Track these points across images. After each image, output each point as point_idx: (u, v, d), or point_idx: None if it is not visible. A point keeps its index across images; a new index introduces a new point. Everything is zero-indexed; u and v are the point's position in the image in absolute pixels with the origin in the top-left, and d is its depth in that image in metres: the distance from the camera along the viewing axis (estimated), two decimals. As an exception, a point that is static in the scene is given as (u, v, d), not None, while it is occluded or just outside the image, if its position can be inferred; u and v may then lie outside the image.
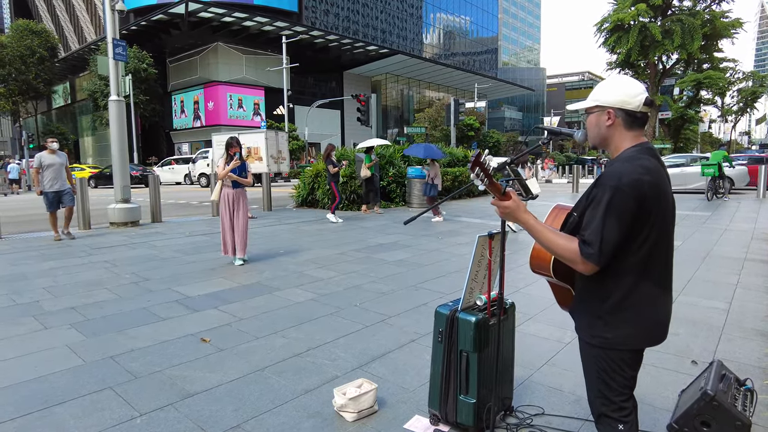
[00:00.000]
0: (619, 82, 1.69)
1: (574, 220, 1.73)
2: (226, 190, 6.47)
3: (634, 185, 1.55)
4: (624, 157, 1.64)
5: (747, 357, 3.52)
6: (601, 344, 1.70)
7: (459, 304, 2.51)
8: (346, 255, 7.03)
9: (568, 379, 3.16)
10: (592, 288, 1.71)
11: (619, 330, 1.67)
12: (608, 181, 1.58)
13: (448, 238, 8.47)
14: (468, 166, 1.62)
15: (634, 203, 1.55)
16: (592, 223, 1.58)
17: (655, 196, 1.58)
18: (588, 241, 1.57)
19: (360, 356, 3.47)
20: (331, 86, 50.01)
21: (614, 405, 1.73)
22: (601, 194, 1.58)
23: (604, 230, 1.55)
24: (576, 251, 1.59)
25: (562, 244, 1.63)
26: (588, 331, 1.74)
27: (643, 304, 1.66)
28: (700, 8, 32.63)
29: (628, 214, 1.55)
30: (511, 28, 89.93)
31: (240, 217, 6.49)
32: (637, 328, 1.67)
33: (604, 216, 1.55)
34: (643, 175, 1.57)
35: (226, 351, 3.56)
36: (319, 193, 13.20)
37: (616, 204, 1.55)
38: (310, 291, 5.16)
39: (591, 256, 1.56)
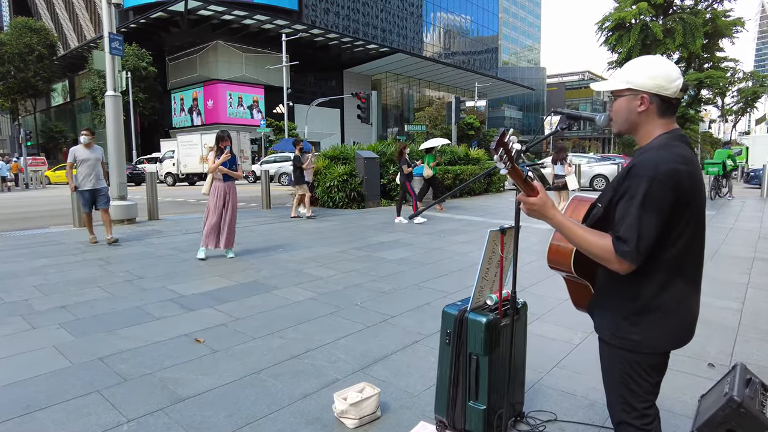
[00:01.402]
0: (655, 63, 1.51)
1: (597, 212, 1.57)
2: (216, 183, 6.48)
3: (671, 175, 1.39)
4: (657, 145, 1.48)
5: (762, 358, 3.37)
6: (627, 347, 1.55)
7: (468, 303, 2.35)
8: (347, 253, 6.87)
9: (581, 383, 3.00)
10: (619, 286, 1.55)
11: (648, 332, 1.52)
12: (644, 171, 1.41)
13: (449, 236, 8.31)
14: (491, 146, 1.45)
15: (672, 194, 1.40)
16: (627, 217, 1.42)
17: (692, 187, 1.44)
18: (624, 237, 1.41)
19: (361, 358, 3.31)
20: (331, 85, 49.85)
21: (636, 412, 1.58)
22: (636, 185, 1.41)
23: (641, 225, 1.39)
24: (610, 249, 1.43)
25: (595, 242, 1.46)
26: (613, 333, 1.58)
27: (673, 303, 1.51)
28: (701, 7, 32.48)
29: (667, 207, 1.40)
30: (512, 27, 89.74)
31: (230, 211, 6.48)
32: (667, 330, 1.52)
33: (640, 209, 1.39)
34: (680, 164, 1.42)
35: (221, 352, 3.40)
36: (319, 191, 13.03)
37: (654, 196, 1.39)
38: (309, 290, 5.00)
39: (627, 254, 1.40)
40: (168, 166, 27.29)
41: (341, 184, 12.60)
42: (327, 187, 12.79)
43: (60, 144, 49.37)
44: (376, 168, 13.12)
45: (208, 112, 41.43)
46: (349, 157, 13.39)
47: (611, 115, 1.62)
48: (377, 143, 15.26)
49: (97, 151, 7.70)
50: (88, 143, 7.63)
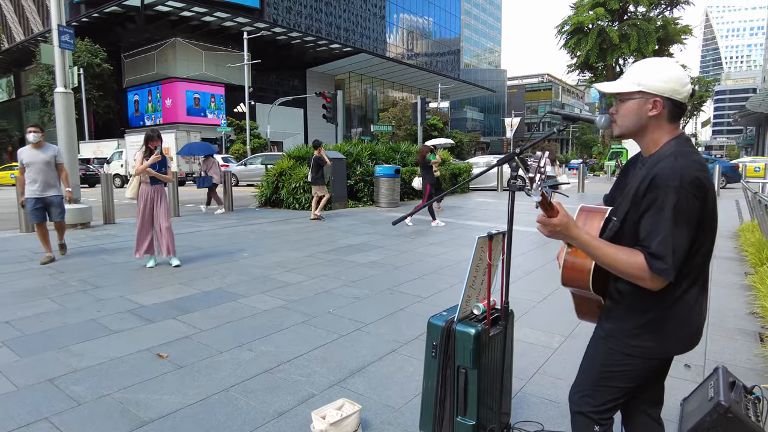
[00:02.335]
0: (668, 66, 1.44)
1: (614, 226, 1.51)
2: (144, 187, 5.99)
3: (696, 184, 1.34)
4: (672, 152, 1.41)
5: (736, 358, 3.40)
6: (639, 353, 1.53)
7: (454, 314, 2.24)
8: (315, 257, 6.68)
9: (563, 390, 2.93)
10: (639, 298, 1.49)
11: (661, 339, 1.50)
12: (669, 182, 1.34)
13: (419, 238, 8.23)
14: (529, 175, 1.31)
15: (700, 204, 1.35)
16: (658, 232, 1.35)
17: (711, 194, 1.40)
18: (658, 254, 1.34)
19: (337, 370, 3.15)
20: (293, 84, 49.21)
21: (601, 406, 1.60)
22: (663, 198, 1.35)
23: (675, 240, 1.33)
24: (644, 267, 1.36)
25: (626, 260, 1.39)
26: (625, 341, 1.54)
27: (688, 309, 1.49)
28: (654, 14, 33.78)
29: (695, 218, 1.36)
30: (473, 29, 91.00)
31: (162, 216, 6.01)
32: (680, 335, 1.51)
33: (673, 223, 1.33)
34: (700, 171, 1.37)
35: (186, 368, 3.17)
36: (284, 193, 12.74)
37: (684, 208, 1.33)
38: (278, 297, 4.79)
39: (665, 271, 1.34)
40: (116, 168, 26.19)
41: (307, 185, 12.34)
42: (292, 189, 12.52)
43: (5, 143, 46.76)
44: (342, 168, 12.94)
45: (166, 111, 40.11)
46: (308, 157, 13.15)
47: (615, 117, 1.54)
48: (343, 143, 15.08)
49: (47, 152, 6.39)
50: (36, 142, 6.33)
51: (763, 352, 3.45)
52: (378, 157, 14.61)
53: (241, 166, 23.49)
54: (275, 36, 40.06)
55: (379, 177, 13.26)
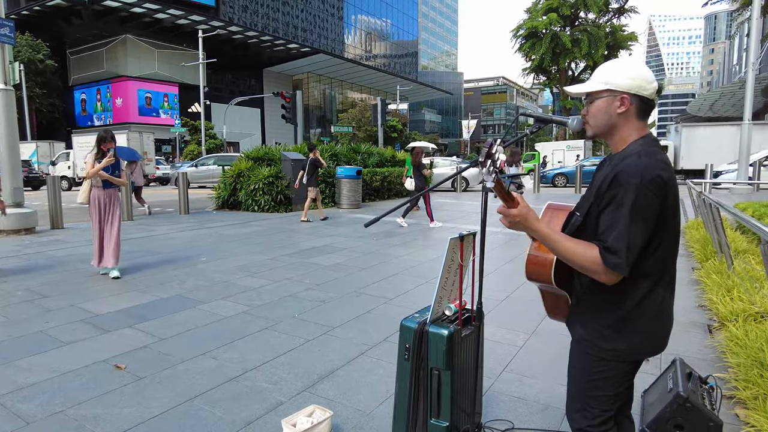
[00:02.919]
0: (633, 65, 1.50)
1: (576, 221, 1.54)
2: (96, 191, 5.65)
3: (657, 182, 1.37)
4: (637, 151, 1.45)
5: (689, 350, 3.56)
6: (610, 357, 1.54)
7: (426, 315, 2.23)
8: (277, 260, 6.56)
9: (531, 387, 2.99)
10: (602, 295, 1.52)
11: (632, 340, 1.51)
12: (630, 179, 1.38)
13: (382, 239, 8.23)
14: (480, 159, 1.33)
15: (658, 202, 1.38)
16: (615, 227, 1.38)
17: (673, 193, 1.43)
18: (613, 249, 1.37)
19: (305, 376, 3.09)
20: (250, 84, 48.35)
21: (597, 419, 1.59)
22: (623, 194, 1.38)
23: (630, 235, 1.36)
24: (598, 261, 1.39)
25: (582, 253, 1.42)
26: (596, 343, 1.56)
27: (655, 310, 1.51)
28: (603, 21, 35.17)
29: (653, 216, 1.38)
30: (430, 32, 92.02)
31: (113, 222, 5.68)
32: (649, 337, 1.53)
33: (628, 219, 1.36)
34: (663, 171, 1.40)
35: (146, 379, 3.03)
36: (242, 194, 12.47)
37: (642, 205, 1.36)
38: (241, 302, 4.67)
39: (618, 266, 1.37)
40: (62, 169, 24.91)
41: (267, 186, 12.14)
42: (251, 190, 12.26)
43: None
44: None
45: (116, 110, 38.56)
46: (275, 158, 12.95)
47: (587, 118, 1.57)
48: (303, 144, 14.90)
49: None
50: None
51: (713, 343, 3.62)
52: (339, 158, 14.54)
53: (192, 167, 22.71)
54: (231, 35, 39.25)
55: (341, 178, 13.19)
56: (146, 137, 24.52)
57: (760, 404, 2.59)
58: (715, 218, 5.58)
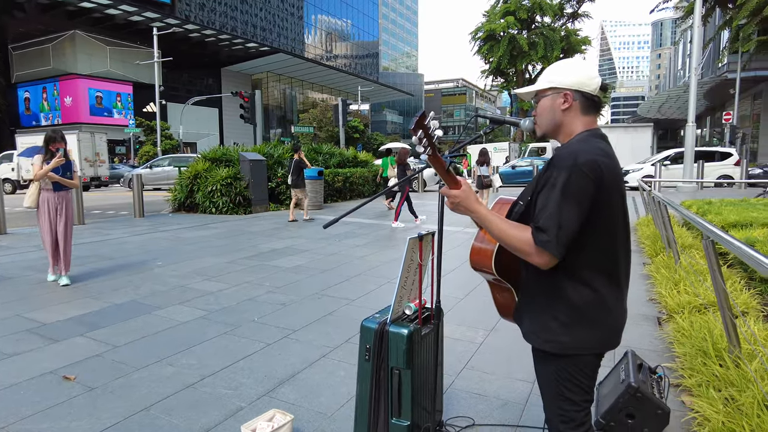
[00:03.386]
0: (575, 63, 1.55)
1: (519, 209, 1.55)
2: (45, 194, 5.38)
3: (591, 166, 1.38)
4: (577, 140, 1.49)
5: (641, 342, 3.70)
6: (556, 350, 1.52)
7: (386, 315, 2.23)
8: (236, 263, 6.43)
9: (490, 383, 3.04)
10: (545, 286, 1.52)
11: (576, 333, 1.49)
12: (563, 162, 1.40)
13: (345, 240, 8.20)
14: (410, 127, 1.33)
15: (593, 186, 1.38)
16: (546, 207, 1.39)
17: (613, 182, 1.43)
18: (543, 227, 1.38)
19: (265, 381, 3.04)
20: (208, 83, 47.23)
21: (574, 422, 1.56)
22: (555, 176, 1.40)
23: (561, 215, 1.36)
24: (530, 241, 1.40)
25: (515, 234, 1.43)
26: (541, 336, 1.54)
27: (600, 304, 1.49)
28: (558, 25, 36.22)
29: (587, 198, 1.38)
30: (391, 33, 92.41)
31: (64, 226, 5.42)
32: (597, 331, 1.50)
33: (560, 199, 1.37)
34: (600, 156, 1.42)
35: (98, 389, 2.91)
36: (199, 196, 12.16)
37: (574, 186, 1.37)
38: (198, 307, 4.55)
39: (547, 244, 1.37)
40: (5, 171, 23.60)
41: (225, 188, 11.90)
42: (208, 192, 11.97)
43: None
44: (263, 170, 12.59)
45: (65, 110, 36.85)
46: (233, 158, 12.70)
47: (536, 117, 1.61)
48: (263, 144, 14.69)
49: None
50: None
51: (662, 335, 3.78)
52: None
53: (146, 169, 21.97)
54: (188, 33, 38.20)
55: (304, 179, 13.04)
56: (98, 138, 23.60)
57: (703, 391, 2.72)
58: (664, 215, 5.84)
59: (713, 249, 2.90)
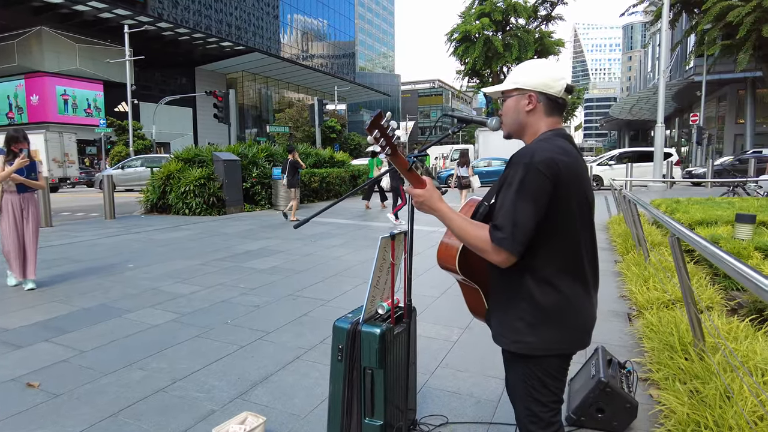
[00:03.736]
0: (540, 64, 1.56)
1: (484, 210, 1.55)
2: (8, 196, 5.22)
3: (548, 164, 1.39)
4: (539, 139, 1.50)
5: (611, 338, 3.77)
6: (524, 351, 1.51)
7: (359, 315, 2.23)
8: (210, 265, 6.33)
9: (464, 381, 3.06)
10: (509, 287, 1.52)
11: (542, 333, 1.48)
12: (520, 159, 1.41)
13: (321, 240, 8.15)
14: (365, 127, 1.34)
15: (550, 184, 1.38)
16: (503, 205, 1.40)
17: (573, 180, 1.43)
18: (499, 225, 1.38)
19: (238, 383, 3.00)
20: (181, 82, 46.46)
21: (542, 422, 1.56)
22: (513, 174, 1.41)
23: (517, 212, 1.37)
24: (487, 239, 1.40)
25: (473, 232, 1.43)
26: (509, 337, 1.53)
27: (566, 304, 1.48)
28: (532, 27, 36.72)
29: (544, 196, 1.38)
30: (367, 34, 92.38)
31: (30, 229, 5.28)
32: (562, 331, 1.49)
33: (515, 197, 1.38)
34: (559, 154, 1.42)
35: (64, 396, 2.83)
36: (172, 197, 11.95)
37: (530, 183, 1.37)
38: (170, 310, 4.46)
39: (503, 241, 1.37)
40: None
41: (198, 188, 11.72)
42: (181, 193, 11.77)
43: None
44: (237, 171, 12.45)
45: (32, 109, 35.74)
46: (206, 159, 12.51)
47: (502, 117, 1.63)
48: (237, 144, 14.51)
49: None
50: None
51: (632, 330, 3.87)
52: (275, 159, 14.27)
53: (118, 169, 21.47)
54: (161, 31, 37.49)
55: (278, 179, 12.94)
56: (67, 138, 23.00)
57: (670, 384, 2.79)
58: (634, 214, 5.97)
59: (679, 246, 2.97)
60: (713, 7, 24.78)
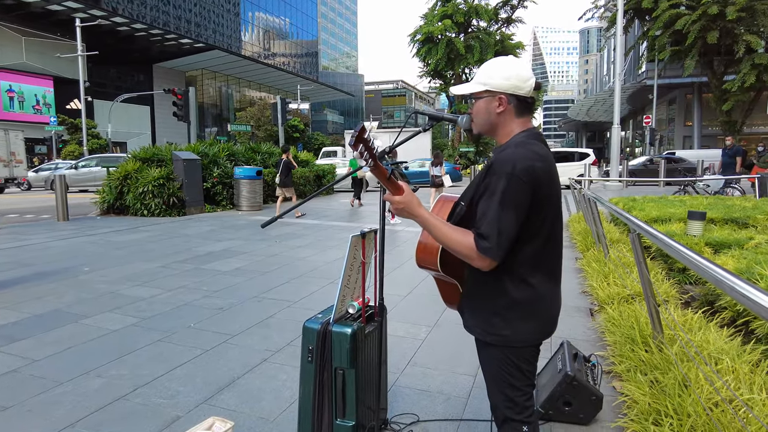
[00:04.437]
0: (509, 64, 1.56)
1: (461, 210, 1.60)
2: None
3: (529, 172, 1.44)
4: (515, 143, 1.53)
5: (575, 332, 3.87)
6: (499, 342, 1.58)
7: (329, 315, 2.20)
8: (170, 268, 6.14)
9: (433, 378, 3.07)
10: (486, 284, 1.58)
11: (516, 326, 1.56)
12: (502, 169, 1.45)
13: (286, 241, 8.04)
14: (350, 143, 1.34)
15: (530, 190, 1.44)
16: (487, 214, 1.44)
17: (548, 183, 1.50)
18: (484, 234, 1.43)
19: (204, 388, 2.91)
20: (138, 79, 44.97)
21: (518, 407, 1.62)
22: (495, 183, 1.44)
23: (501, 222, 1.42)
24: (472, 247, 1.44)
25: (458, 239, 1.47)
26: (485, 330, 1.60)
27: (536, 297, 1.57)
28: (493, 29, 37.38)
29: (525, 203, 1.44)
30: (330, 33, 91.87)
31: None
32: (533, 323, 1.58)
33: (499, 206, 1.42)
34: (536, 161, 1.47)
35: (14, 408, 2.67)
36: (130, 198, 11.53)
37: (513, 192, 1.42)
38: (130, 314, 4.30)
39: (489, 250, 1.42)
40: None
41: (157, 189, 11.34)
42: (139, 193, 11.37)
43: None
44: (197, 170, 12.13)
45: (-27, 105, 33.84)
46: (166, 158, 12.14)
47: (473, 116, 1.64)
48: (197, 143, 14.15)
49: None
50: None
51: (594, 325, 3.98)
52: (237, 158, 13.99)
53: (72, 169, 20.57)
54: (116, 26, 36.12)
55: (240, 179, 12.71)
56: (14, 136, 21.87)
57: (632, 375, 2.88)
58: (593, 211, 6.15)
59: (639, 242, 3.07)
60: (663, 15, 25.90)
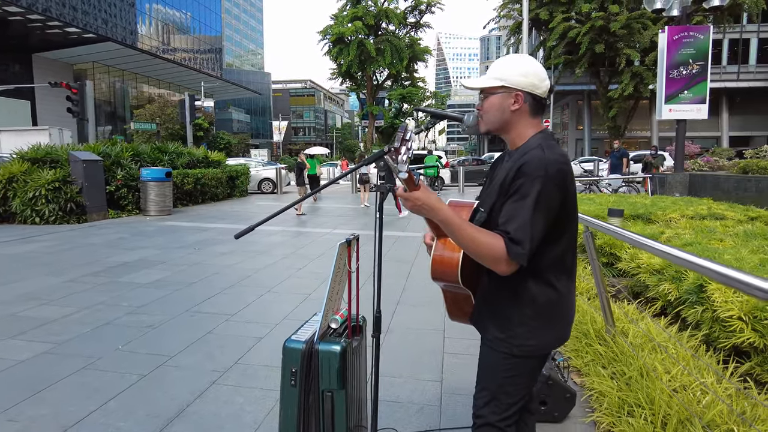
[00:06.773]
0: (527, 62, 1.50)
1: (481, 217, 1.51)
2: None
3: (561, 176, 1.40)
4: (538, 145, 1.46)
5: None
6: (525, 353, 1.52)
7: (309, 332, 2.00)
8: (80, 282, 5.45)
9: (401, 387, 2.96)
10: (510, 289, 1.50)
11: (542, 335, 1.52)
12: (535, 172, 1.38)
13: (207, 248, 7.50)
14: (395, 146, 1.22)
15: (561, 194, 1.40)
16: (518, 218, 1.36)
17: (572, 183, 1.47)
18: (516, 239, 1.35)
19: (149, 421, 2.55)
20: (14, 70, 40.07)
21: (507, 413, 1.58)
22: (528, 185, 1.37)
23: (534, 227, 1.35)
24: (502, 250, 1.35)
25: (486, 242, 1.37)
26: (510, 342, 1.52)
27: (563, 303, 1.54)
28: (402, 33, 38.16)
29: (556, 207, 1.40)
30: (234, 29, 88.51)
31: None
32: (556, 328, 1.55)
33: (533, 210, 1.35)
34: (565, 165, 1.43)
35: None
36: (17, 204, 10.17)
37: (546, 196, 1.37)
38: (39, 340, 3.71)
39: (521, 256, 1.35)
40: None
41: (51, 193, 10.11)
42: (29, 199, 10.06)
43: None
44: (99, 172, 11.00)
45: None
46: (61, 159, 10.87)
47: (481, 113, 1.55)
48: (98, 143, 12.87)
49: None
50: None
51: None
52: (143, 159, 12.91)
53: None
54: (-17, 8, 31.92)
55: (147, 181, 11.71)
56: None
57: (591, 369, 2.97)
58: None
59: (593, 239, 3.19)
60: (558, 27, 28.04)
